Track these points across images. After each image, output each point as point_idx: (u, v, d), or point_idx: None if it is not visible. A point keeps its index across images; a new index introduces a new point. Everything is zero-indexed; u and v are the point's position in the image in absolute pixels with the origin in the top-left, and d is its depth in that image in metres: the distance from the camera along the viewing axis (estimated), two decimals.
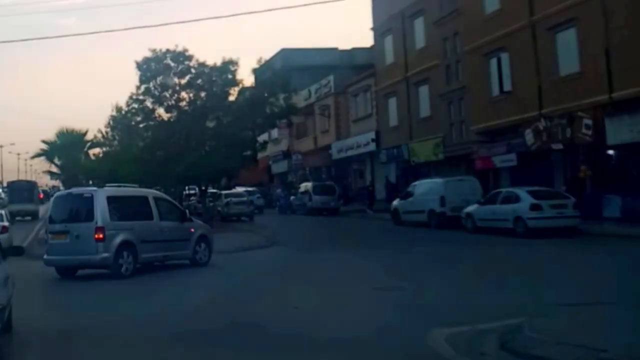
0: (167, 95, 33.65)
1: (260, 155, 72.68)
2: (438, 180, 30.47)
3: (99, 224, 16.66)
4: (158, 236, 17.93)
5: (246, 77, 35.51)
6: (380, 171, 47.32)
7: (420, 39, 39.97)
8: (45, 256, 17.75)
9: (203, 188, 36.95)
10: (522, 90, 31.02)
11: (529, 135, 29.83)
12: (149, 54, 33.01)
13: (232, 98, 34.57)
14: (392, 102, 43.91)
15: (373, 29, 45.93)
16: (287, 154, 60.52)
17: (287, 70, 62.45)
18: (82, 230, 16.89)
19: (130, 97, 34.08)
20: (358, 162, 50.39)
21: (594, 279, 13.94)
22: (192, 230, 19.13)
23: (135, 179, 50.32)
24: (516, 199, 24.05)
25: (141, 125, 35.06)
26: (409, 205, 31.14)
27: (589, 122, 26.32)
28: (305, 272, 17.28)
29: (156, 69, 32.82)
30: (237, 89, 34.04)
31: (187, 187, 43.00)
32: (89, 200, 17.15)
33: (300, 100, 59.09)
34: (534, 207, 23.12)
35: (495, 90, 33.17)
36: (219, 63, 32.99)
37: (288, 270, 18.31)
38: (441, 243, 23.52)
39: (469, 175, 32.74)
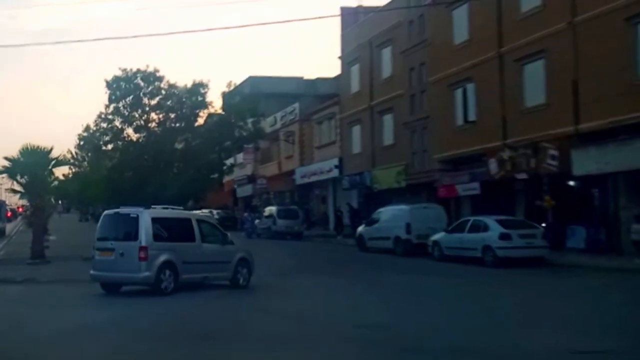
0: (137, 116, 32.28)
1: (225, 178, 71.89)
2: (404, 207, 29.45)
3: (143, 243, 16.73)
4: (199, 257, 17.85)
5: (215, 100, 34.45)
6: (342, 197, 46.36)
7: (387, 69, 39.28)
8: (91, 271, 17.66)
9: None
10: (486, 120, 30.40)
11: (492, 165, 29.14)
12: (119, 73, 31.73)
13: (201, 120, 33.37)
14: (356, 130, 43.10)
15: (341, 57, 45.17)
16: (251, 178, 59.30)
17: (254, 97, 62.03)
18: (127, 248, 16.93)
19: (99, 116, 32.51)
20: (320, 188, 49.41)
21: (581, 317, 13.07)
22: (233, 252, 18.74)
23: (104, 199, 48.90)
24: (485, 227, 23.17)
25: (110, 146, 33.47)
26: (375, 231, 30.04)
27: (555, 152, 25.70)
28: (277, 304, 15.96)
29: (126, 88, 31.45)
30: (206, 111, 32.90)
31: None
32: (135, 221, 17.18)
33: (266, 126, 58.24)
34: (503, 237, 22.26)
35: (460, 120, 32.53)
36: (189, 85, 31.83)
37: (258, 300, 17.05)
38: (410, 272, 22.41)
39: (431, 203, 31.89)
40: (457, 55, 32.33)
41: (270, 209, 43.16)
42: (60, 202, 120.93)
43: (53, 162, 26.33)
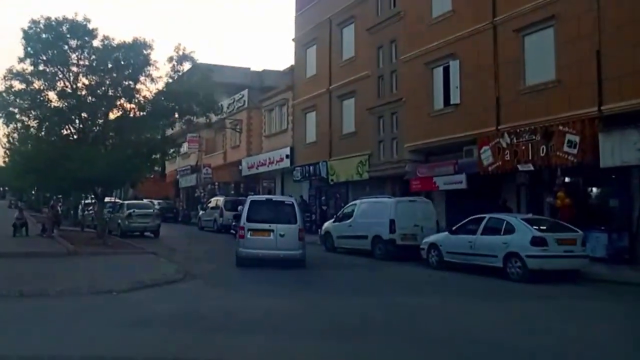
0: (60, 76, 22.97)
1: (168, 168, 62.62)
2: (386, 200, 21.28)
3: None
4: None
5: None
6: (292, 189, 38.22)
7: (349, 49, 31.29)
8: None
9: (99, 195, 24.90)
10: (475, 102, 22.83)
11: (485, 154, 21.60)
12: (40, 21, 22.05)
13: (143, 88, 24.22)
14: (311, 117, 35.01)
15: (295, 39, 36.95)
16: (195, 169, 50.39)
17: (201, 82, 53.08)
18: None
19: (10, 72, 22.83)
20: (268, 179, 41.09)
21: None
22: None
23: (28, 183, 38.85)
24: (508, 229, 15.39)
25: (30, 114, 23.41)
26: (347, 229, 21.97)
27: (575, 138, 18.29)
28: (242, 342, 8.04)
29: (47, 41, 22.13)
30: (150, 71, 23.60)
31: (87, 196, 32.40)
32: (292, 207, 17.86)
33: (211, 115, 49.53)
34: (536, 242, 14.49)
35: (439, 103, 24.92)
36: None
37: (219, 333, 8.86)
38: (406, 285, 14.59)
39: (400, 196, 23.52)
40: (438, 28, 24.62)
41: (217, 200, 34.61)
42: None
43: None
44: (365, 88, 29.57)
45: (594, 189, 19.75)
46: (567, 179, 19.41)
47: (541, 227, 15.05)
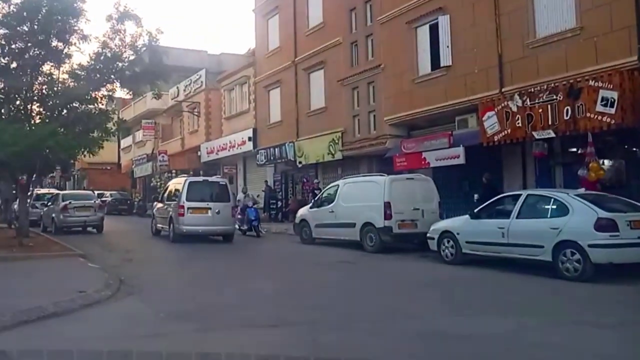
0: None
1: (124, 159, 56.56)
2: (378, 178, 16.04)
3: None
4: None
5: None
6: (255, 175, 33.14)
7: (316, 15, 26.17)
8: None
9: (21, 180, 18.92)
10: (470, 63, 18.16)
11: (490, 121, 16.92)
12: None
13: (75, 51, 18.45)
14: (275, 95, 29.89)
15: (255, 10, 31.64)
16: (151, 157, 44.66)
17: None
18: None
19: None
20: (229, 165, 35.81)
21: None
22: None
23: None
24: (560, 209, 10.63)
25: None
26: (328, 215, 16.80)
27: (612, 94, 13.76)
28: None
29: None
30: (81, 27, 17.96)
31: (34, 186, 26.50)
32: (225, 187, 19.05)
33: (166, 100, 43.88)
34: (604, 226, 9.86)
35: (425, 68, 20.20)
36: None
37: None
38: (433, 294, 9.57)
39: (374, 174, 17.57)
40: None
41: (176, 184, 28.95)
42: None
43: None
44: (336, 57, 24.63)
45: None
46: (591, 149, 14.86)
47: (606, 206, 10.35)
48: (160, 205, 21.34)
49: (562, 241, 10.21)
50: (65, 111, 18.02)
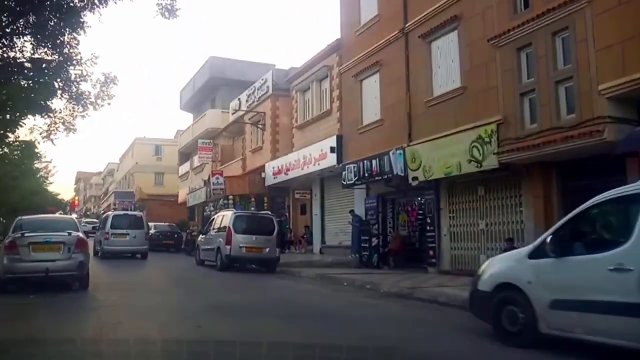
0: None
1: (181, 188, 46.92)
2: None
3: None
4: None
5: None
6: (336, 200, 22.44)
7: None
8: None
9: None
10: None
11: None
12: None
13: None
14: (371, 85, 19.13)
15: None
16: (207, 183, 34.61)
17: (215, 84, 37.73)
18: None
19: None
20: (302, 190, 25.12)
21: None
22: None
23: None
24: None
25: None
26: (606, 281, 5.33)
27: None
28: None
29: None
30: None
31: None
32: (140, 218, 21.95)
33: (226, 117, 34.06)
34: None
35: None
36: None
37: None
38: None
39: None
40: None
41: (222, 217, 18.48)
42: None
43: None
44: (478, 7, 13.83)
45: None
46: None
47: None
48: (203, 237, 19.35)
49: None
50: None
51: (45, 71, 11.60)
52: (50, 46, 11.83)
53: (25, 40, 11.85)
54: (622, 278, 5.21)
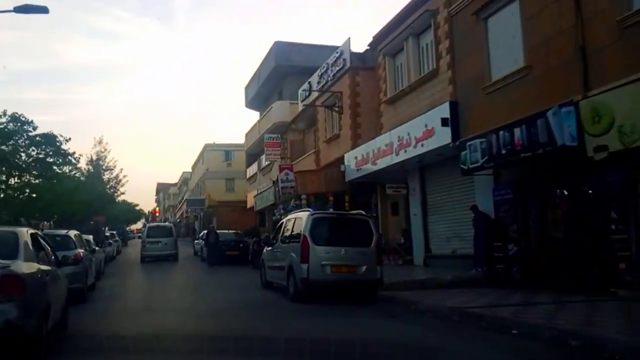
0: None
1: (249, 192, 41.34)
2: None
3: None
4: None
5: None
6: (442, 196, 15.97)
7: None
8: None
9: None
10: None
11: None
12: None
13: None
14: (504, 21, 12.56)
15: None
16: (275, 182, 28.77)
17: (281, 73, 31.94)
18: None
19: None
20: (395, 184, 18.65)
21: None
22: None
23: None
24: None
25: None
26: None
27: None
28: None
29: None
30: None
31: None
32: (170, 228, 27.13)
33: (295, 109, 28.25)
34: None
35: None
36: None
37: None
38: None
39: None
40: None
41: (294, 220, 12.35)
42: None
43: None
44: None
45: None
46: None
47: None
48: (269, 249, 13.29)
49: None
50: None
51: None
52: None
53: None
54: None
